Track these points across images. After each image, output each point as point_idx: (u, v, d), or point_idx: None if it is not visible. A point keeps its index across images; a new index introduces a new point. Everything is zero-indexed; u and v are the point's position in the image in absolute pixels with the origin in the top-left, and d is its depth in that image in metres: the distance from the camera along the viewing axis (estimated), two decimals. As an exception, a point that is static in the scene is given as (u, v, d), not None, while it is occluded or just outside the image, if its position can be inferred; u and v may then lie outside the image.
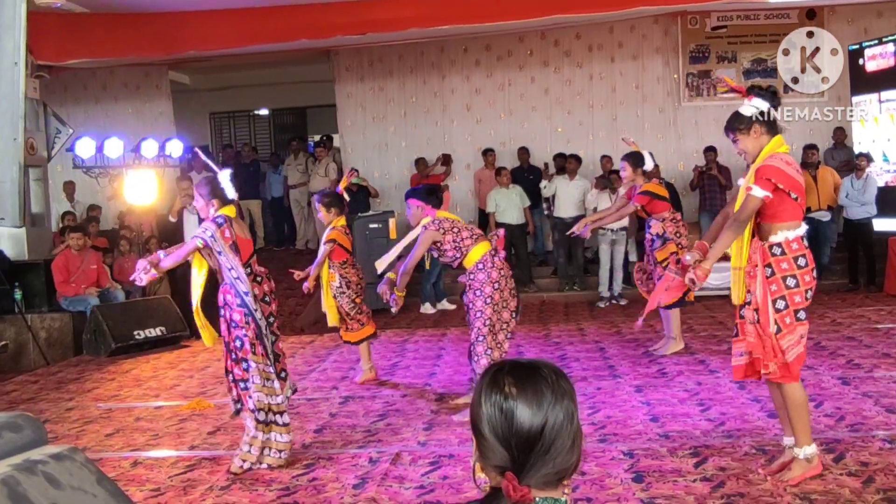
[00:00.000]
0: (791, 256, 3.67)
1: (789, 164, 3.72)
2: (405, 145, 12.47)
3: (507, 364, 1.52)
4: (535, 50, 12.25)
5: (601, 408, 5.32)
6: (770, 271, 3.66)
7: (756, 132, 3.76)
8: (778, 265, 3.66)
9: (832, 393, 5.34)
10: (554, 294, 10.88)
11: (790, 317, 3.64)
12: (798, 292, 3.65)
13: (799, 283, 3.65)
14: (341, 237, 6.16)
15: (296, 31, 9.95)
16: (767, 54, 11.97)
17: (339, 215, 6.24)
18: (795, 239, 3.71)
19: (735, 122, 3.81)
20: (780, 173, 3.66)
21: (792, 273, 3.65)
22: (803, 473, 3.75)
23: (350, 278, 6.22)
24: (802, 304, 3.66)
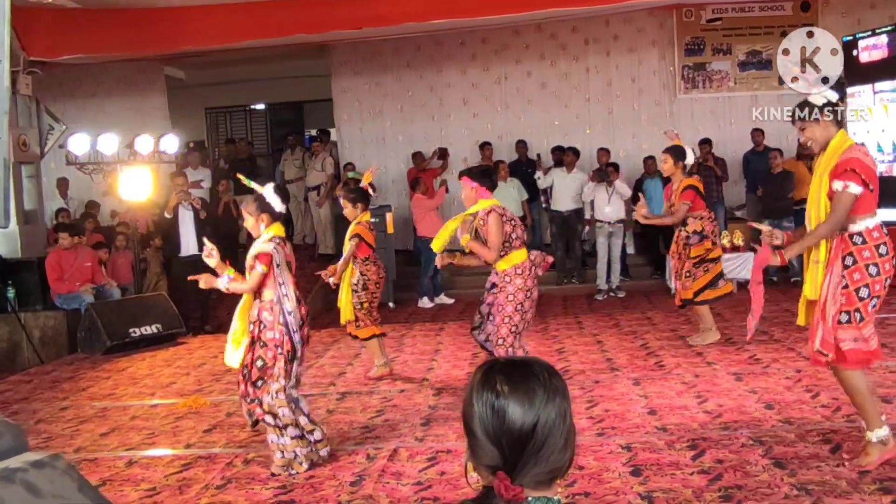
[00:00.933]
0: (872, 245, 3.70)
1: (867, 156, 3.77)
2: (402, 139, 12.44)
3: (500, 362, 1.51)
4: (532, 43, 12.20)
5: (599, 401, 5.31)
6: (852, 260, 3.69)
7: (825, 122, 3.78)
8: (860, 254, 3.69)
9: (828, 384, 5.31)
10: (552, 287, 10.85)
11: (871, 305, 3.69)
12: (879, 280, 3.68)
13: (880, 272, 3.68)
14: (365, 232, 6.15)
15: (291, 26, 9.89)
16: (762, 46, 11.94)
17: (365, 210, 6.26)
18: (876, 227, 3.73)
19: (807, 108, 3.83)
20: (864, 166, 3.67)
21: (874, 261, 3.68)
22: (880, 456, 3.75)
23: (370, 276, 6.19)
24: (880, 292, 3.70)
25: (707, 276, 6.65)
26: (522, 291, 5.06)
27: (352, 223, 6.23)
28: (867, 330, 3.67)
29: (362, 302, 6.20)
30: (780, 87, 11.94)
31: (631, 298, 9.82)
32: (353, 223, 6.20)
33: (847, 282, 3.67)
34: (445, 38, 12.15)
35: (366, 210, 6.28)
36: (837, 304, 3.67)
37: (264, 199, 4.50)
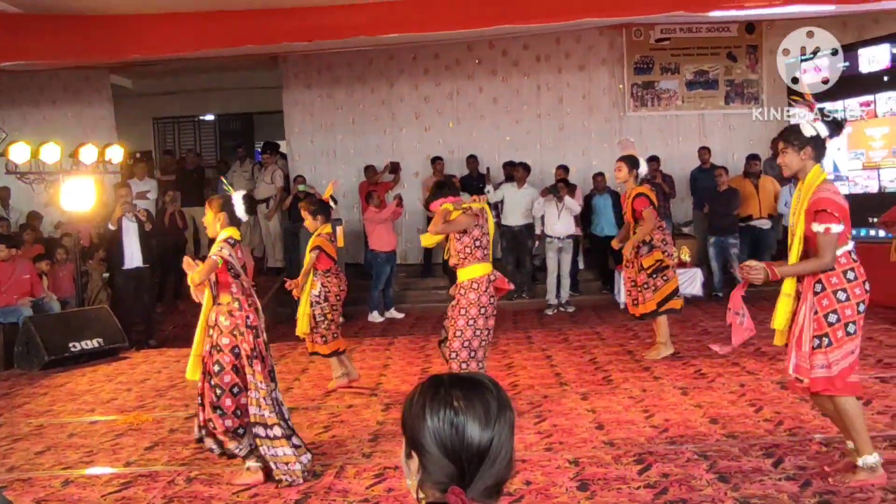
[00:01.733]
0: (840, 271, 3.75)
1: (837, 193, 3.84)
2: (353, 153, 12.38)
3: (447, 378, 1.49)
4: (484, 59, 12.29)
5: (547, 416, 5.32)
6: (821, 287, 3.74)
7: (806, 153, 3.84)
8: (828, 280, 3.74)
9: (771, 398, 5.44)
10: (502, 302, 10.75)
11: (841, 330, 3.70)
12: (849, 305, 3.72)
13: (850, 297, 3.72)
14: (326, 244, 6.21)
15: (243, 37, 9.78)
16: (709, 66, 12.22)
17: (325, 223, 6.29)
18: (843, 254, 3.78)
19: (792, 135, 3.89)
20: (836, 205, 3.73)
21: (842, 287, 3.73)
22: (866, 479, 3.78)
23: (331, 288, 6.23)
24: (853, 317, 3.72)
25: (668, 285, 6.73)
26: (475, 306, 5.07)
27: (312, 235, 6.28)
28: (833, 356, 3.69)
29: (325, 314, 6.20)
30: (725, 107, 12.25)
31: (580, 313, 9.89)
32: (314, 235, 6.25)
33: (817, 308, 3.73)
34: (398, 53, 12.16)
35: (326, 222, 6.31)
36: (811, 331, 3.73)
37: (230, 201, 4.56)
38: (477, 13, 9.47)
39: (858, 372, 3.83)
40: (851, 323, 3.71)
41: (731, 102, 12.29)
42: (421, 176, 12.16)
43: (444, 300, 11.02)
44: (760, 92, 12.24)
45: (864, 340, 7.13)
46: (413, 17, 9.47)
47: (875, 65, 9.59)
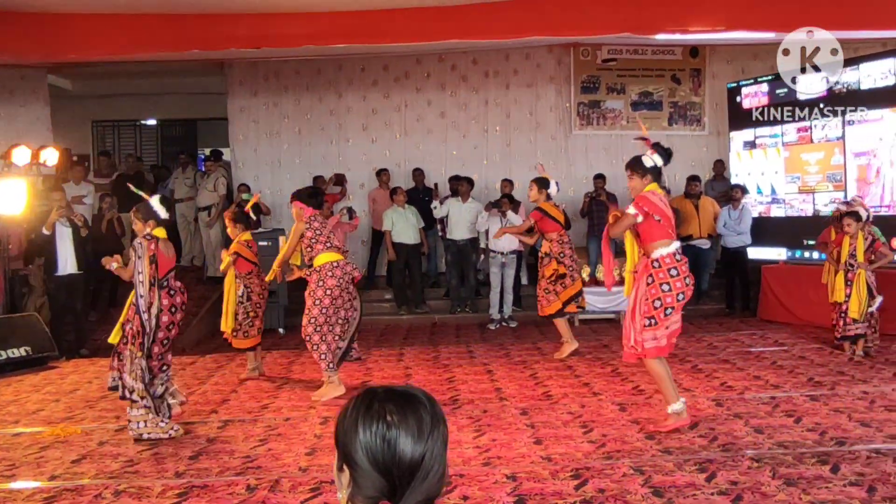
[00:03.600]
0: (665, 268, 4.98)
1: (654, 195, 5.04)
2: (299, 162, 12.26)
3: (381, 391, 1.47)
4: (433, 73, 12.32)
5: (486, 431, 5.30)
6: (651, 279, 4.99)
7: (647, 179, 5.10)
8: (656, 275, 4.98)
9: (706, 414, 5.52)
10: (446, 316, 10.87)
11: (662, 313, 4.95)
12: (670, 294, 4.97)
13: (671, 289, 4.97)
14: (244, 250, 7.00)
15: (188, 41, 9.60)
16: (654, 88, 12.46)
17: (245, 230, 7.14)
18: (668, 255, 5.00)
19: (637, 166, 5.14)
20: (646, 200, 5.00)
21: (666, 281, 4.97)
22: (674, 423, 5.05)
23: (253, 287, 7.06)
24: (672, 303, 4.97)
25: (567, 291, 7.67)
26: (321, 289, 6.09)
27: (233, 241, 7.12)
28: (660, 332, 4.96)
29: (248, 312, 7.04)
30: (669, 128, 12.49)
31: (523, 328, 9.93)
32: (234, 242, 7.08)
33: (648, 296, 4.96)
34: (346, 63, 12.11)
35: (246, 230, 7.17)
36: (642, 312, 4.97)
37: (151, 207, 5.47)
38: (427, 27, 9.48)
39: None
40: (670, 308, 4.96)
41: (675, 124, 12.54)
42: (367, 188, 12.10)
43: (387, 312, 11.02)
44: (703, 114, 12.52)
45: (795, 359, 7.38)
46: (363, 28, 9.43)
47: (812, 92, 9.88)
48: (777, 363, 7.27)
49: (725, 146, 11.52)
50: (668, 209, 5.06)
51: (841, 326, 7.58)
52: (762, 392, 6.16)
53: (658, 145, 5.20)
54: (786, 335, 8.76)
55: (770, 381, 6.52)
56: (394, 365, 7.74)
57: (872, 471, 4.25)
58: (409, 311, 10.97)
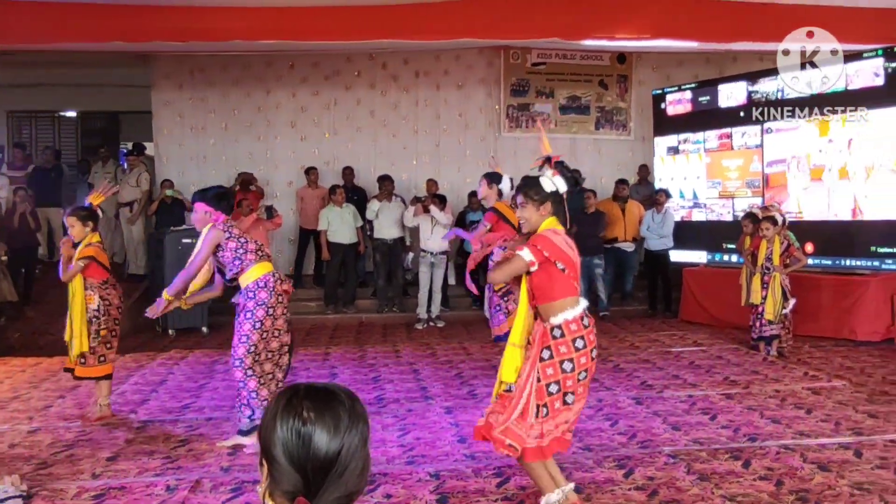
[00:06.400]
0: (570, 338, 3.55)
1: (557, 234, 3.65)
2: (225, 159, 12.05)
3: (302, 388, 1.49)
4: (363, 71, 12.27)
5: (411, 430, 5.32)
6: (548, 354, 3.54)
7: (545, 209, 3.70)
8: (556, 349, 3.53)
9: (626, 412, 5.66)
10: (373, 315, 10.85)
11: (559, 401, 3.54)
12: (571, 376, 3.53)
13: (575, 367, 3.53)
14: (99, 253, 5.66)
15: (111, 32, 9.32)
16: (582, 92, 12.69)
17: (95, 231, 5.73)
18: (574, 320, 3.57)
19: (532, 190, 3.72)
20: (549, 243, 3.58)
21: (569, 357, 3.53)
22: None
23: (111, 300, 5.73)
24: (573, 387, 3.54)
25: None
26: (262, 308, 4.90)
27: (80, 244, 5.64)
28: (548, 425, 3.53)
29: (99, 330, 5.64)
30: (595, 132, 12.75)
31: (450, 328, 9.98)
32: (83, 244, 5.62)
33: (540, 375, 3.53)
34: (275, 59, 11.96)
35: (96, 231, 5.75)
36: (533, 399, 3.52)
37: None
38: (358, 26, 9.44)
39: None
40: (571, 393, 3.54)
41: (601, 128, 12.80)
42: (294, 186, 11.98)
43: (313, 311, 10.92)
44: (628, 120, 12.81)
45: (713, 359, 7.61)
46: (293, 25, 9.32)
47: (733, 100, 10.23)
48: (695, 363, 7.50)
49: (650, 151, 11.82)
50: (574, 254, 3.66)
51: (757, 327, 7.87)
52: (680, 391, 6.35)
53: (562, 165, 3.85)
54: (704, 336, 9.03)
55: (688, 380, 6.73)
56: (319, 364, 7.68)
57: (781, 465, 4.44)
58: (337, 310, 10.90)
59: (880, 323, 8.51)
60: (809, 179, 9.29)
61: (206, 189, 5.23)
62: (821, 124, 9.11)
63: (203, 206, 4.99)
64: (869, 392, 6.26)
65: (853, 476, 4.26)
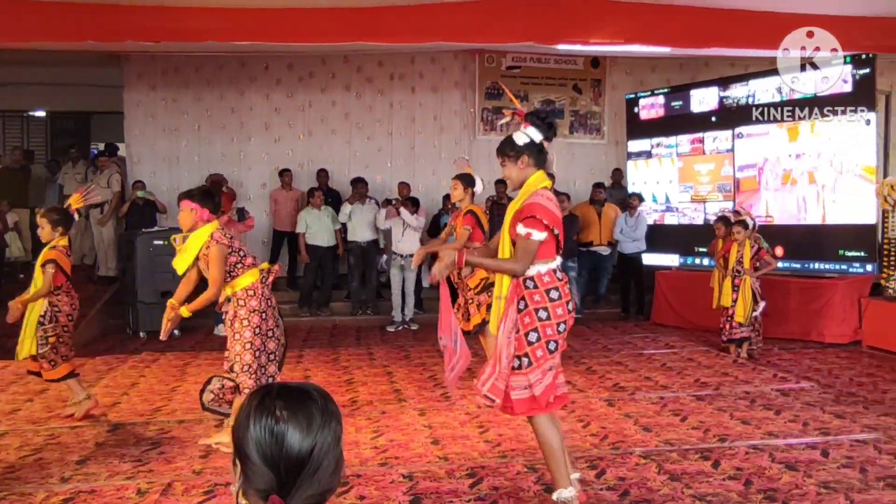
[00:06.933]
0: (543, 289, 3.57)
1: (550, 200, 3.61)
2: (198, 160, 11.96)
3: (276, 387, 1.50)
4: (338, 73, 12.24)
5: (385, 432, 5.32)
6: (524, 304, 3.57)
7: (523, 162, 3.68)
8: (531, 297, 3.56)
9: (598, 414, 5.70)
10: (346, 318, 10.82)
11: (542, 349, 3.54)
12: (549, 324, 3.55)
13: (550, 316, 3.55)
14: (62, 259, 5.53)
15: (82, 31, 9.20)
16: (556, 96, 12.76)
17: (65, 235, 5.63)
18: (547, 272, 3.60)
19: (507, 147, 3.72)
20: (547, 211, 3.55)
21: (544, 305, 3.55)
22: None
23: (61, 307, 5.59)
24: (554, 336, 3.55)
25: None
26: (257, 314, 4.88)
27: (45, 247, 5.55)
28: (533, 376, 3.54)
29: (48, 336, 5.51)
30: (569, 136, 12.82)
31: (423, 331, 9.97)
32: (47, 248, 5.53)
33: (519, 326, 3.55)
34: (250, 60, 11.91)
35: (66, 235, 5.63)
36: (511, 349, 3.55)
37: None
38: (333, 28, 9.41)
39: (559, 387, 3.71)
40: (553, 341, 3.55)
41: (575, 132, 12.88)
42: (268, 187, 11.93)
43: (288, 314, 10.76)
44: (602, 124, 12.90)
45: (684, 361, 7.70)
46: (267, 26, 9.28)
47: (705, 105, 10.35)
48: (667, 365, 7.57)
49: (623, 155, 11.91)
50: (559, 211, 3.70)
51: (727, 330, 7.97)
52: (652, 392, 6.41)
53: (534, 115, 3.79)
54: (676, 338, 9.12)
55: (659, 382, 6.79)
56: (292, 367, 7.64)
57: (750, 465, 4.50)
58: (311, 312, 10.87)
59: (848, 325, 8.65)
60: (780, 184, 9.42)
61: (190, 190, 5.18)
62: (791, 130, 9.25)
63: (188, 204, 4.92)
64: (836, 393, 6.36)
65: (820, 475, 4.33)
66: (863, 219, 8.68)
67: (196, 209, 4.91)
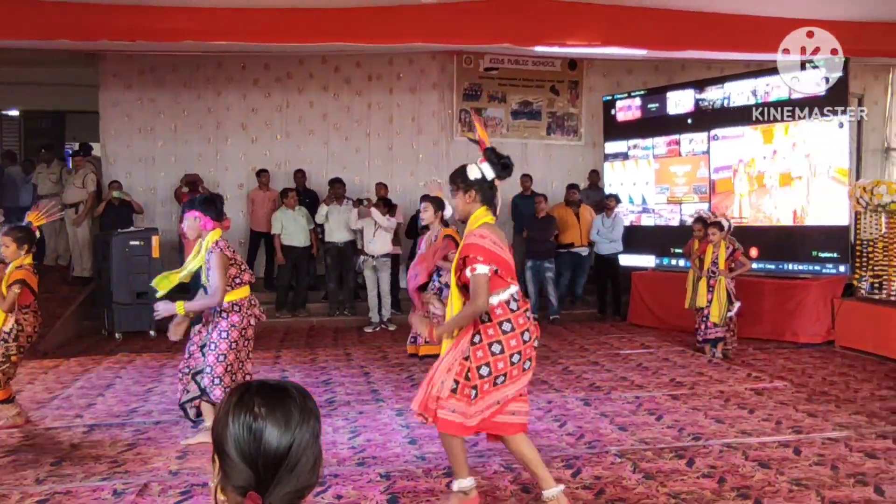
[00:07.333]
0: (496, 322, 3.63)
1: (484, 238, 3.66)
2: (174, 160, 11.88)
3: (255, 385, 1.51)
4: (316, 74, 12.22)
5: (362, 432, 5.32)
6: (479, 338, 3.63)
7: (471, 196, 3.76)
8: (485, 331, 3.63)
9: (575, 413, 5.74)
10: (323, 318, 10.80)
11: (489, 384, 3.60)
12: (502, 358, 3.60)
13: (504, 349, 3.60)
14: (30, 277, 5.39)
15: (57, 30, 9.12)
16: (534, 98, 12.82)
17: (30, 253, 5.47)
18: (499, 304, 3.65)
19: (459, 178, 3.81)
20: (483, 250, 3.61)
21: (497, 339, 3.61)
22: None
23: (25, 327, 5.43)
24: (505, 369, 3.59)
25: None
26: (237, 329, 4.99)
27: (10, 266, 5.37)
28: (475, 408, 3.60)
29: (10, 355, 5.36)
30: (547, 137, 12.89)
31: (401, 331, 9.95)
32: (13, 267, 5.36)
33: (470, 356, 3.61)
34: (227, 60, 11.85)
35: (31, 252, 5.48)
36: (452, 373, 3.61)
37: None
38: (311, 28, 9.40)
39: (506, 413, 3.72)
40: (502, 375, 3.60)
41: (553, 133, 12.94)
42: (245, 188, 11.88)
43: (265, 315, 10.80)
44: (579, 125, 12.97)
45: (660, 361, 7.76)
46: (245, 26, 9.25)
47: (681, 107, 10.45)
48: (643, 365, 7.64)
49: (600, 156, 11.99)
50: (504, 250, 3.72)
51: (702, 330, 8.05)
52: (627, 392, 6.46)
53: (492, 151, 3.83)
54: (652, 338, 9.20)
55: (635, 382, 6.85)
56: (269, 368, 7.63)
57: (723, 463, 4.56)
58: (288, 313, 10.84)
59: (821, 326, 8.77)
60: (755, 185, 9.54)
61: (192, 199, 5.32)
62: (765, 132, 9.36)
63: (193, 213, 5.02)
64: (809, 392, 6.45)
65: (792, 472, 4.40)
66: (836, 220, 8.81)
67: (199, 217, 5.02)
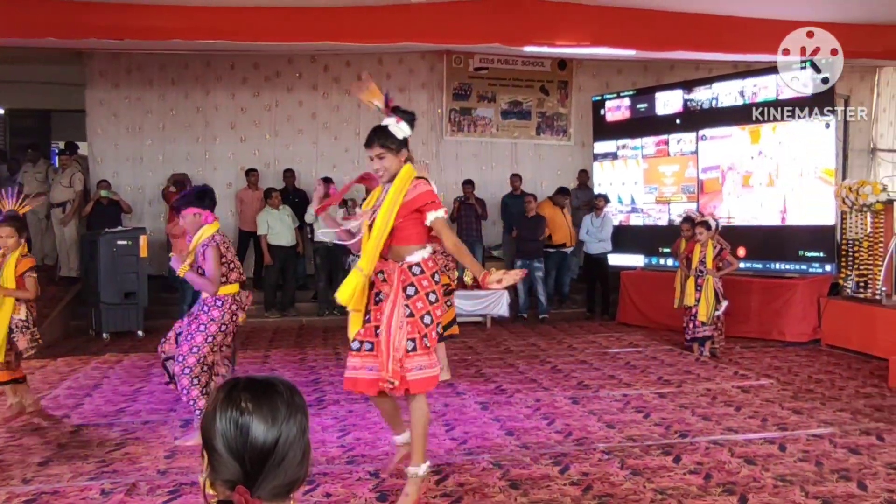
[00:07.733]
0: (429, 273, 3.83)
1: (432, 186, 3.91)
2: (162, 160, 11.85)
3: (242, 380, 1.52)
4: (305, 73, 12.21)
5: (352, 430, 5.33)
6: (413, 290, 3.78)
7: (403, 154, 3.88)
8: (419, 283, 3.79)
9: (563, 411, 5.77)
10: (313, 318, 10.80)
11: (435, 331, 3.79)
12: (439, 306, 3.83)
13: (438, 298, 3.82)
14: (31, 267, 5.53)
15: (44, 28, 9.08)
16: (523, 97, 12.85)
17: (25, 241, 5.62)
18: (431, 257, 3.88)
19: (385, 139, 3.83)
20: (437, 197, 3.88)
21: (432, 289, 3.81)
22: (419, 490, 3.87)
23: (34, 313, 5.60)
24: (442, 317, 3.84)
25: (451, 310, 6.75)
26: (217, 324, 5.05)
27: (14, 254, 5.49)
28: (434, 357, 3.81)
29: (37, 338, 5.57)
30: (536, 137, 12.92)
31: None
32: (17, 254, 5.48)
33: (412, 310, 3.75)
34: (215, 59, 11.82)
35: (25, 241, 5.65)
36: (404, 333, 3.73)
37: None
38: (300, 27, 9.40)
39: None
40: (440, 323, 3.87)
41: (542, 133, 12.98)
42: (234, 187, 11.85)
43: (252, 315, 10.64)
44: (569, 125, 13.01)
45: (648, 360, 7.79)
46: (233, 24, 9.23)
47: (669, 108, 10.49)
48: (631, 363, 7.67)
49: (589, 156, 12.03)
50: None
51: (690, 329, 8.09)
52: (615, 390, 6.49)
53: (399, 109, 3.96)
54: (640, 337, 9.24)
55: (623, 380, 6.88)
56: (259, 367, 7.63)
57: (710, 460, 4.59)
58: (278, 312, 10.83)
59: (807, 324, 8.83)
60: (742, 185, 9.59)
61: (183, 195, 5.32)
62: (752, 132, 9.42)
63: (192, 210, 5.09)
64: (794, 390, 6.50)
65: (777, 469, 4.43)
66: (822, 220, 8.87)
67: (199, 213, 5.11)
